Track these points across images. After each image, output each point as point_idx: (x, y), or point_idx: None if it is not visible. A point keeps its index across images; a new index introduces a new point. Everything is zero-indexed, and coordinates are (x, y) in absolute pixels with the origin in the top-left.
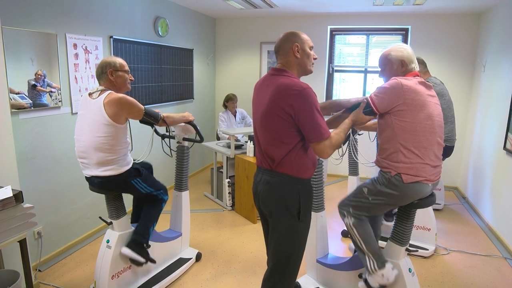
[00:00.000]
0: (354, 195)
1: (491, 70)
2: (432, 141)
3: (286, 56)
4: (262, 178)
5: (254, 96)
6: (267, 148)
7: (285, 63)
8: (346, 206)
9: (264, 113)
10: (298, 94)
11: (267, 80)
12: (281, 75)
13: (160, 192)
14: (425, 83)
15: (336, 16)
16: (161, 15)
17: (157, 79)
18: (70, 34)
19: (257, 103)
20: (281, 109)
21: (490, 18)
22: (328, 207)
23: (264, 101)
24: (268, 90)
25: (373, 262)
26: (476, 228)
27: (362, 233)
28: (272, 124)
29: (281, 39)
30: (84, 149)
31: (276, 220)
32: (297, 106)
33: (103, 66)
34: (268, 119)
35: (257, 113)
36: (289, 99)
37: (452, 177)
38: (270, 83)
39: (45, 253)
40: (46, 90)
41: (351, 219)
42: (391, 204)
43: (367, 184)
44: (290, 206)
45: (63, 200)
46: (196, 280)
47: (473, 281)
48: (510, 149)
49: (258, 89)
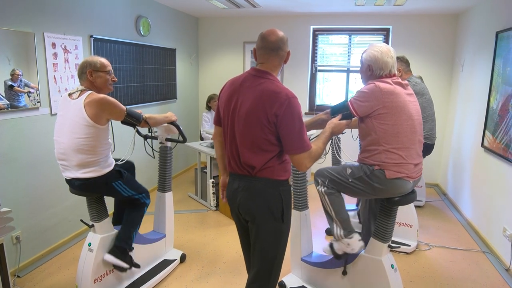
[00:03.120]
0: (336, 170)
1: (469, 69)
2: (414, 140)
3: (280, 60)
4: (240, 185)
5: (227, 94)
6: (245, 155)
7: (272, 66)
8: (323, 177)
9: (245, 117)
10: (284, 103)
11: (249, 81)
12: (265, 78)
13: (142, 196)
14: (401, 83)
15: (319, 16)
16: (143, 14)
17: (139, 79)
18: (48, 33)
19: (235, 104)
20: (265, 116)
21: (467, 19)
22: (312, 206)
23: (245, 104)
24: (251, 93)
25: (341, 229)
26: (456, 223)
27: (333, 201)
28: (252, 130)
29: (281, 39)
30: (64, 150)
31: (259, 225)
32: (282, 115)
33: (83, 66)
34: (249, 125)
35: (235, 114)
36: (275, 108)
37: (433, 174)
38: (253, 85)
39: (24, 258)
40: (23, 90)
41: (324, 188)
42: (369, 193)
43: (353, 166)
44: (274, 209)
45: (43, 204)
46: (181, 282)
47: (453, 275)
48: (488, 147)
49: (235, 88)
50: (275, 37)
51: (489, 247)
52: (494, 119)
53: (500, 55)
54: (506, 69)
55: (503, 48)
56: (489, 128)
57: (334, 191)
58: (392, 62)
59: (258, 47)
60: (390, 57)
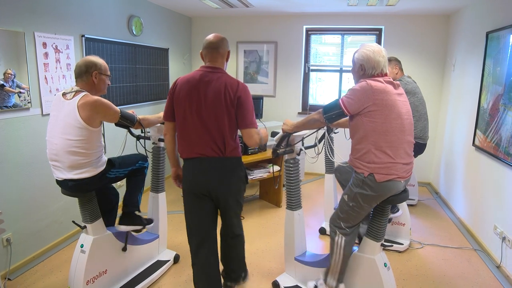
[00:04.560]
0: (340, 206)
1: (460, 69)
2: (403, 139)
3: (223, 57)
4: (210, 165)
5: (185, 91)
6: (225, 139)
7: (220, 63)
8: (336, 222)
9: (212, 105)
10: (243, 88)
11: (207, 76)
12: (221, 73)
13: (140, 164)
14: (392, 82)
15: (312, 16)
16: (135, 13)
17: (131, 79)
18: (39, 32)
19: (197, 96)
20: (230, 99)
21: (458, 19)
22: (305, 205)
23: (210, 94)
24: (214, 85)
25: (334, 279)
26: (448, 222)
27: (347, 253)
28: (220, 114)
29: (221, 40)
30: (56, 151)
31: (234, 194)
32: (242, 96)
33: (88, 66)
34: (216, 110)
35: (200, 104)
36: (237, 92)
37: (425, 173)
38: (214, 78)
39: (15, 260)
40: (14, 91)
41: (343, 237)
42: (368, 204)
43: (346, 190)
44: (242, 177)
45: (34, 205)
46: (174, 283)
47: (445, 272)
48: (479, 145)
49: (194, 84)
50: (216, 38)
51: (481, 244)
52: (485, 118)
53: (490, 55)
54: (496, 69)
55: (493, 48)
56: (480, 127)
57: (353, 232)
58: (383, 61)
59: (204, 48)
60: (382, 56)
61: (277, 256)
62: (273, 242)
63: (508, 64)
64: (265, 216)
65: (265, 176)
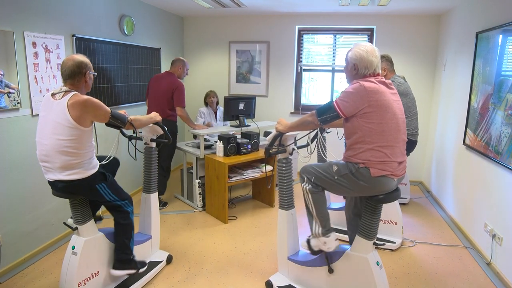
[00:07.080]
0: (322, 167)
1: (451, 69)
2: (398, 138)
3: (173, 67)
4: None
5: (154, 81)
6: (165, 111)
7: (173, 70)
8: (309, 174)
9: (162, 92)
10: (179, 85)
11: (164, 77)
12: (172, 76)
13: (125, 203)
14: (385, 82)
15: (304, 16)
16: (127, 13)
17: (123, 79)
18: (29, 32)
19: (156, 86)
20: (171, 89)
21: (448, 19)
22: (298, 205)
23: (163, 86)
24: (165, 81)
25: (320, 227)
26: (439, 220)
27: (316, 200)
28: (166, 97)
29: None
30: (46, 152)
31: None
32: (178, 88)
33: (80, 66)
34: (163, 94)
35: (158, 90)
36: (175, 85)
37: (417, 172)
38: (166, 77)
39: (5, 263)
40: (4, 91)
41: (309, 185)
42: (354, 191)
43: (338, 163)
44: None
45: (24, 207)
46: (168, 283)
47: (437, 270)
48: (469, 144)
49: (157, 79)
50: (176, 58)
51: (471, 242)
52: (475, 118)
53: (480, 55)
54: (486, 69)
55: (482, 48)
56: (471, 126)
57: (319, 190)
58: (376, 61)
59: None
60: (375, 56)
61: (270, 256)
62: (266, 242)
63: (498, 64)
64: (258, 216)
65: (258, 176)
